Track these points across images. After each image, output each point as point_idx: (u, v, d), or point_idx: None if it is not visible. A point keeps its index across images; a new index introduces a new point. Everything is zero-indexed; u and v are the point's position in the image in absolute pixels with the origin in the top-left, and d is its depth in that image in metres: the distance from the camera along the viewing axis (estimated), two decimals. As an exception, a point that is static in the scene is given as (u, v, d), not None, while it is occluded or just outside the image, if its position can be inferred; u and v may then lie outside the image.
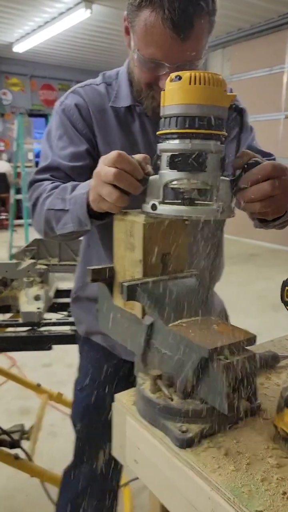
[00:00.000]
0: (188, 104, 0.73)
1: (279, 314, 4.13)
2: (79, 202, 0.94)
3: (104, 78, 1.21)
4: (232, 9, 6.51)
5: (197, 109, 0.73)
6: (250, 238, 7.77)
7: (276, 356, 0.93)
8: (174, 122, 0.75)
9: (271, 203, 0.83)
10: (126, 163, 0.79)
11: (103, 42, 8.48)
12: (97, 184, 0.83)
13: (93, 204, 0.89)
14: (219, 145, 0.76)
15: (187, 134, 0.74)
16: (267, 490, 0.58)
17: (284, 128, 7.19)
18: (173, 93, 0.74)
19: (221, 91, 0.74)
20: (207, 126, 0.74)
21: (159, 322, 0.75)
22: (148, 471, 0.74)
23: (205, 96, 0.73)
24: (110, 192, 0.81)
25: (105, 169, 0.80)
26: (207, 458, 0.64)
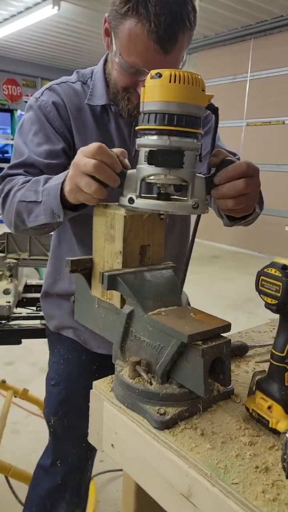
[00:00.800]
0: (168, 102, 0.75)
1: (239, 312, 4.27)
2: (52, 193, 0.94)
3: (79, 76, 1.21)
4: (198, 17, 6.65)
5: (176, 107, 0.76)
6: (212, 240, 7.96)
7: (245, 345, 0.98)
8: (153, 118, 0.77)
9: (243, 200, 0.87)
10: (106, 155, 0.80)
11: (70, 40, 8.41)
12: (76, 174, 0.83)
13: (69, 194, 0.89)
14: (195, 143, 0.80)
15: (166, 131, 0.76)
16: (241, 465, 0.62)
17: (246, 135, 7.43)
18: (153, 90, 0.76)
19: (199, 90, 0.77)
20: (185, 124, 0.77)
21: (139, 311, 0.78)
22: (125, 454, 0.76)
23: (184, 94, 0.76)
24: (89, 183, 0.81)
25: (84, 160, 0.80)
26: (184, 438, 0.68)
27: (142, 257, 0.87)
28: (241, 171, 0.84)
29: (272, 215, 7.03)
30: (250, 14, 6.55)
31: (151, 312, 0.77)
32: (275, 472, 0.61)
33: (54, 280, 1.29)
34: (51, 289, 1.30)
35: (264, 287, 0.67)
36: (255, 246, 7.29)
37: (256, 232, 7.29)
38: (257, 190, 0.90)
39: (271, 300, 0.66)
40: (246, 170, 0.84)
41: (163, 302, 0.80)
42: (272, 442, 0.68)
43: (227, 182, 0.84)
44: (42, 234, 1.22)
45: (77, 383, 1.24)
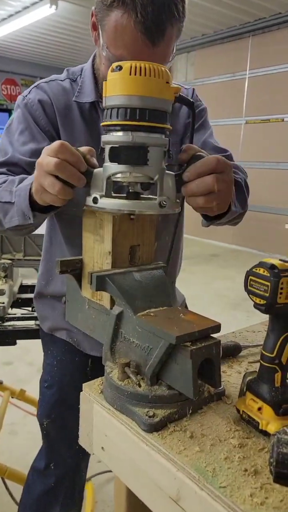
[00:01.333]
0: (129, 95, 0.71)
1: (238, 312, 4.26)
2: (22, 195, 0.92)
3: (69, 74, 1.20)
4: (196, 14, 6.64)
5: (138, 101, 0.72)
6: (211, 238, 7.95)
7: (238, 346, 0.97)
8: (116, 113, 0.73)
9: (214, 198, 0.82)
10: (68, 153, 0.77)
11: (68, 40, 8.39)
12: (40, 174, 0.80)
13: (35, 195, 0.86)
14: (162, 139, 0.76)
15: (129, 126, 0.73)
16: (229, 468, 0.62)
17: (245, 133, 7.41)
18: (114, 84, 0.73)
19: (163, 83, 0.73)
20: (149, 119, 0.73)
21: (128, 312, 0.77)
22: (115, 457, 0.75)
23: (146, 87, 0.72)
24: (52, 183, 0.78)
25: (47, 159, 0.78)
26: (173, 441, 0.67)
27: (132, 257, 0.86)
28: (211, 167, 0.80)
29: (271, 213, 7.02)
30: (249, 12, 6.52)
31: (140, 313, 0.76)
32: (264, 475, 0.60)
33: (47, 281, 1.28)
34: (44, 290, 1.29)
35: (253, 287, 0.66)
36: (255, 244, 7.27)
37: (255, 230, 7.28)
38: (229, 187, 0.85)
39: (259, 300, 0.65)
40: (215, 165, 0.80)
41: (152, 302, 0.80)
42: (262, 444, 0.67)
43: (196, 178, 0.80)
44: (22, 235, 1.21)
45: (70, 385, 1.23)
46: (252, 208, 7.01)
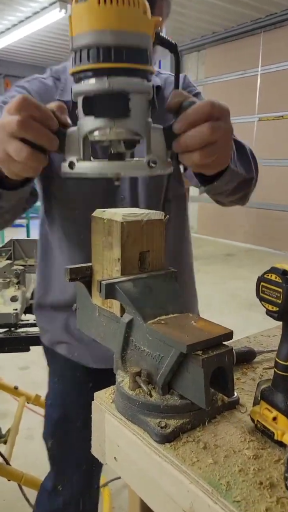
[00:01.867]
0: (99, 31, 0.58)
1: (253, 312, 4.21)
2: None
3: (52, 72, 1.13)
4: (206, 12, 6.60)
5: (110, 36, 0.58)
6: (225, 238, 7.88)
7: (252, 351, 0.95)
8: (86, 55, 0.60)
9: (212, 151, 0.69)
10: (33, 108, 0.64)
11: (78, 43, 8.43)
12: (2, 139, 0.65)
13: (2, 167, 0.71)
14: (145, 84, 0.63)
15: (103, 70, 0.59)
16: (244, 481, 0.60)
17: (258, 131, 7.33)
18: (79, 18, 0.59)
19: (140, 12, 0.59)
20: (127, 59, 0.59)
21: (138, 320, 0.76)
22: (127, 468, 0.74)
23: (120, 19, 0.58)
24: (19, 148, 0.64)
25: (7, 118, 0.64)
26: (186, 452, 0.65)
27: (142, 263, 0.85)
28: (205, 113, 0.66)
29: (287, 211, 6.92)
30: (259, 8, 6.46)
31: (151, 320, 0.75)
32: (280, 488, 0.58)
33: (45, 291, 1.24)
34: (42, 301, 1.25)
35: (265, 294, 0.64)
36: (270, 243, 7.19)
37: (270, 229, 7.20)
38: (227, 137, 0.72)
39: (272, 307, 0.63)
40: (210, 111, 0.66)
41: (163, 309, 0.78)
42: (278, 455, 0.65)
43: (189, 129, 0.67)
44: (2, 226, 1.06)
45: (73, 403, 1.18)
46: (267, 206, 6.94)
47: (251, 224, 7.52)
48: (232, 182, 0.93)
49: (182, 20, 7.02)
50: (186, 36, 7.94)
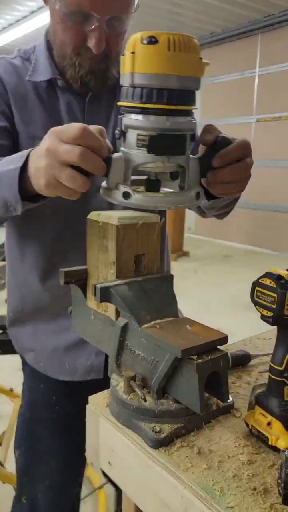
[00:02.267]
0: (167, 75, 0.62)
1: (251, 314, 4.20)
2: (6, 182, 0.78)
3: (20, 52, 1.08)
4: (204, 13, 6.61)
5: (176, 81, 0.63)
6: (223, 239, 7.89)
7: (248, 355, 0.95)
8: (149, 94, 0.63)
9: (244, 183, 0.78)
10: (92, 139, 0.66)
11: (76, 43, 8.43)
12: (53, 165, 0.67)
13: (45, 189, 0.72)
14: (193, 122, 0.69)
15: (164, 111, 0.64)
16: (238, 487, 0.60)
17: (255, 132, 7.34)
18: (147, 59, 0.62)
19: (197, 59, 0.65)
20: (185, 101, 0.65)
21: (133, 324, 0.76)
22: (121, 472, 0.74)
23: (184, 65, 0.63)
24: (72, 177, 0.66)
25: (64, 147, 0.65)
26: (180, 457, 0.65)
27: (137, 266, 0.85)
28: (243, 152, 0.74)
29: (285, 212, 6.93)
30: (258, 9, 6.46)
31: (146, 324, 0.75)
32: (274, 494, 0.58)
33: (20, 312, 1.17)
34: (21, 315, 1.18)
35: (260, 298, 0.64)
36: (269, 244, 7.20)
37: (269, 230, 7.21)
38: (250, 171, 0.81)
39: (266, 312, 0.63)
40: (248, 150, 0.75)
41: (158, 313, 0.78)
42: (272, 460, 0.65)
43: (228, 164, 0.73)
44: None
45: (39, 415, 1.14)
46: (265, 208, 6.95)
47: (249, 225, 7.53)
48: (229, 199, 0.98)
49: (180, 20, 7.02)
50: (184, 36, 7.95)
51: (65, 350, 1.11)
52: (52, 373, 1.12)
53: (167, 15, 6.79)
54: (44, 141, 0.69)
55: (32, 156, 0.74)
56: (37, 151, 0.72)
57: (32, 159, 0.74)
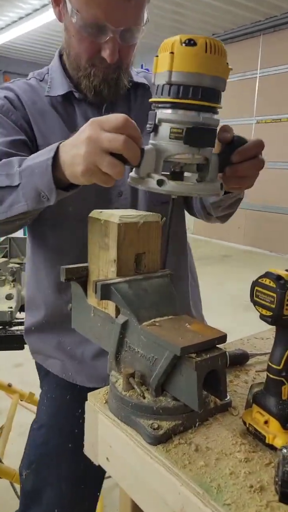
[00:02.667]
0: (202, 74, 0.68)
1: (249, 314, 4.22)
2: (39, 172, 0.80)
3: (34, 74, 1.15)
4: (206, 14, 6.61)
5: (210, 81, 0.69)
6: (223, 239, 7.90)
7: (246, 354, 0.96)
8: (186, 91, 0.69)
9: (255, 178, 0.85)
10: (134, 129, 0.70)
11: (78, 41, 8.42)
12: (94, 152, 0.70)
13: (82, 176, 0.74)
14: (218, 119, 0.76)
15: (197, 106, 0.70)
16: (235, 484, 0.60)
17: (256, 133, 7.34)
18: (186, 59, 0.68)
19: (225, 62, 0.72)
20: (216, 100, 0.72)
21: (133, 321, 0.76)
22: (119, 468, 0.74)
23: (217, 67, 0.70)
24: (113, 163, 0.70)
25: (107, 135, 0.69)
26: (178, 454, 0.66)
27: (138, 265, 0.85)
28: (259, 150, 0.81)
29: (284, 214, 6.95)
30: (259, 10, 6.47)
31: (145, 322, 0.75)
32: (270, 492, 0.59)
33: (41, 323, 1.17)
34: (39, 329, 1.18)
35: (259, 298, 0.64)
36: (268, 245, 7.21)
37: (268, 231, 7.22)
38: None
39: (266, 312, 0.63)
40: (262, 148, 0.82)
41: (158, 311, 0.79)
42: (269, 458, 0.65)
43: (245, 160, 0.80)
44: (7, 233, 1.05)
45: (61, 429, 1.05)
46: (265, 209, 6.93)
47: (247, 226, 7.54)
48: (236, 196, 1.03)
49: (181, 20, 7.02)
50: (186, 36, 7.96)
51: (93, 358, 1.10)
52: (82, 381, 1.10)
53: (170, 15, 6.79)
54: (83, 131, 0.73)
55: (64, 147, 0.78)
56: (73, 141, 0.75)
57: (65, 150, 0.78)
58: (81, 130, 0.74)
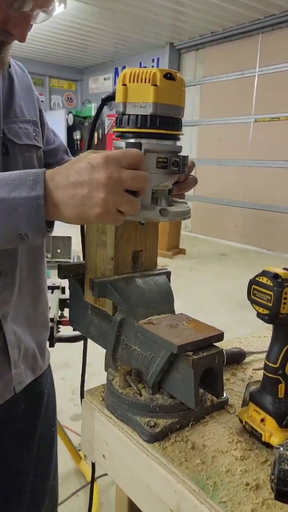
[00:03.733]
0: (180, 106, 0.73)
1: (246, 312, 4.23)
2: (24, 211, 0.66)
3: None
4: (206, 12, 6.59)
5: (182, 112, 0.74)
6: (220, 237, 7.90)
7: (243, 352, 0.96)
8: (171, 122, 0.72)
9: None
10: (144, 163, 0.69)
11: (76, 38, 8.38)
12: (116, 193, 0.65)
13: (97, 218, 0.66)
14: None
15: (176, 136, 0.75)
16: (230, 482, 0.60)
17: (254, 131, 7.34)
18: (168, 92, 0.71)
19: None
20: (181, 128, 0.76)
21: (130, 319, 0.76)
22: (115, 466, 0.74)
23: (184, 99, 0.75)
24: (132, 202, 0.67)
25: (129, 174, 0.65)
26: (174, 452, 0.66)
27: (135, 262, 0.85)
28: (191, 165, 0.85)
29: (281, 212, 6.95)
30: (258, 8, 6.45)
31: (142, 320, 0.75)
32: (266, 490, 0.59)
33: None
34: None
35: (256, 296, 0.64)
36: (265, 244, 7.21)
37: (265, 229, 7.23)
38: None
39: (263, 310, 0.63)
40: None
41: (155, 309, 0.78)
42: (265, 456, 0.65)
43: (187, 177, 0.86)
44: None
45: None
46: (262, 207, 6.91)
47: (245, 224, 7.54)
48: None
49: (181, 18, 6.99)
50: (185, 34, 7.90)
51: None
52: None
53: (169, 13, 6.76)
54: (99, 169, 0.65)
55: (59, 184, 0.67)
56: (73, 177, 0.66)
57: (60, 187, 0.67)
58: (95, 168, 0.65)
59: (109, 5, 6.52)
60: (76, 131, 10.51)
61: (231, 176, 7.66)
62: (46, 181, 0.67)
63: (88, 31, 7.88)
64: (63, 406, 2.54)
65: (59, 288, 1.79)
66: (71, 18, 7.17)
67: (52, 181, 0.67)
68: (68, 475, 2.07)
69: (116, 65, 9.96)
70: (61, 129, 10.23)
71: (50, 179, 0.67)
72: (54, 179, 0.67)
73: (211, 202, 7.85)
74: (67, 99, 11.18)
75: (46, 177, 0.67)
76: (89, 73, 10.88)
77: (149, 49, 8.89)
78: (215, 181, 7.68)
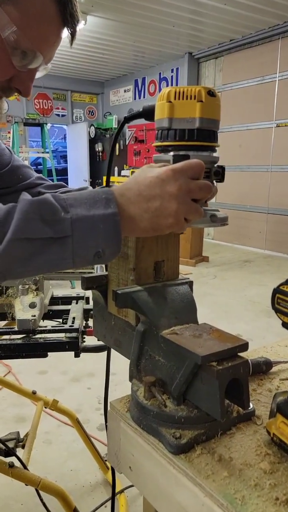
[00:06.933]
0: (217, 120, 0.79)
1: (272, 319, 4.14)
2: (104, 228, 0.66)
3: None
4: (224, 20, 6.60)
5: (218, 125, 0.79)
6: (244, 244, 7.81)
7: (269, 361, 0.94)
8: (213, 135, 0.79)
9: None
10: (203, 173, 0.73)
11: (96, 52, 8.54)
12: (186, 203, 0.69)
13: (169, 228, 0.70)
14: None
15: (214, 147, 0.80)
16: (259, 496, 0.59)
17: (276, 136, 7.26)
18: (212, 108, 0.77)
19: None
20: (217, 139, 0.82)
21: (152, 329, 0.76)
22: (142, 478, 0.74)
23: (220, 112, 0.81)
24: (198, 209, 0.71)
25: (196, 184, 0.70)
26: (201, 464, 0.65)
27: (157, 273, 0.85)
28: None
29: (306, 217, 6.83)
30: (277, 14, 6.42)
31: (165, 330, 0.75)
32: (296, 504, 0.57)
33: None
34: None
35: (281, 306, 0.63)
36: (289, 250, 7.10)
37: (290, 235, 7.11)
38: None
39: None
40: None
41: (178, 319, 0.78)
42: (295, 469, 0.64)
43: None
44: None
45: None
46: (285, 212, 6.81)
47: (269, 230, 7.43)
48: None
49: (199, 27, 7.03)
50: (204, 43, 7.94)
51: None
52: None
53: (187, 23, 6.81)
54: (169, 182, 0.69)
55: (130, 200, 0.69)
56: (144, 191, 0.69)
57: (131, 202, 0.69)
58: (155, 181, 0.69)
59: (128, 19, 6.63)
60: (98, 143, 10.65)
61: (253, 182, 7.59)
62: (116, 198, 0.69)
63: (107, 45, 8.03)
64: (90, 415, 2.55)
65: (83, 299, 1.82)
66: (91, 33, 7.32)
67: (123, 197, 0.69)
68: (96, 486, 2.06)
69: (135, 77, 10.08)
70: (84, 142, 10.41)
71: (120, 195, 0.70)
72: (125, 195, 0.70)
73: (234, 208, 7.79)
74: (88, 112, 11.38)
75: (116, 194, 0.69)
76: (109, 86, 11.04)
77: (168, 60, 8.96)
78: (236, 187, 7.63)
